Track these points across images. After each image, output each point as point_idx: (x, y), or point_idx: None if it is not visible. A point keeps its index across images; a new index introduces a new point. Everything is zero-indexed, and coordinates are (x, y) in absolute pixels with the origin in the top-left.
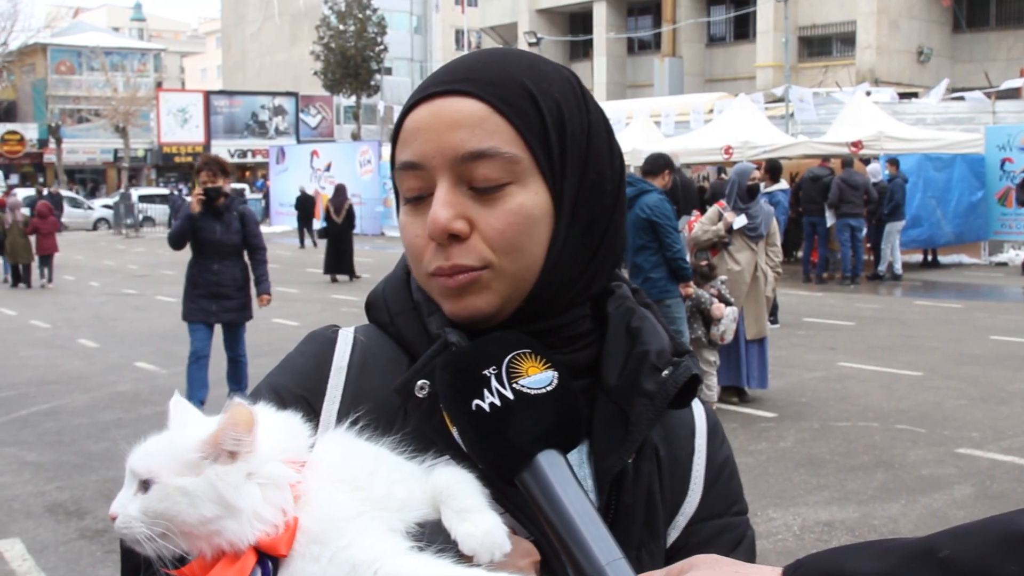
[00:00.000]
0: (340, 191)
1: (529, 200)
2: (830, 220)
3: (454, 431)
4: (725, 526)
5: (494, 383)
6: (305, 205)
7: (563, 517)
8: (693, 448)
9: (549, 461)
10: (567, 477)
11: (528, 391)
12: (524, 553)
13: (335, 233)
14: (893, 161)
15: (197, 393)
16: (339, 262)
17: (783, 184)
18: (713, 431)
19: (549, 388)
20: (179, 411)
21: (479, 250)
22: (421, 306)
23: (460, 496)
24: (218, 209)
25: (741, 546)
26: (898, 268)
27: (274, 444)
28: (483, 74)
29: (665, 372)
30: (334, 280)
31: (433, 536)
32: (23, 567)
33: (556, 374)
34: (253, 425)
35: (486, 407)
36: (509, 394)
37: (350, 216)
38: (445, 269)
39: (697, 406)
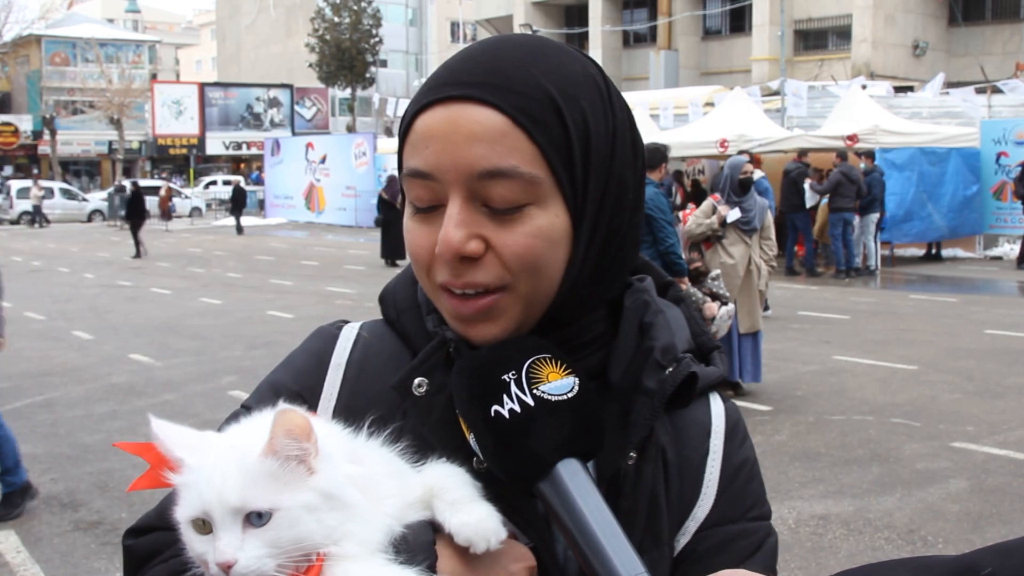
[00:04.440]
0: (393, 181)
1: (548, 222)
2: (810, 201)
3: (470, 438)
4: (740, 532)
5: (513, 388)
6: (239, 197)
7: (583, 528)
8: (707, 449)
9: (569, 470)
10: (587, 487)
11: (548, 397)
12: (519, 558)
13: (390, 220)
14: (869, 155)
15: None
16: (396, 248)
17: (759, 172)
18: (732, 431)
19: (570, 395)
20: (171, 432)
21: (495, 270)
22: (422, 305)
23: (451, 489)
24: None
25: (758, 554)
26: (871, 262)
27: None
28: (505, 78)
29: (669, 370)
30: (393, 264)
31: (415, 536)
32: (17, 559)
33: (577, 380)
34: (310, 429)
35: (505, 413)
36: (529, 400)
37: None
38: (456, 285)
39: (716, 404)
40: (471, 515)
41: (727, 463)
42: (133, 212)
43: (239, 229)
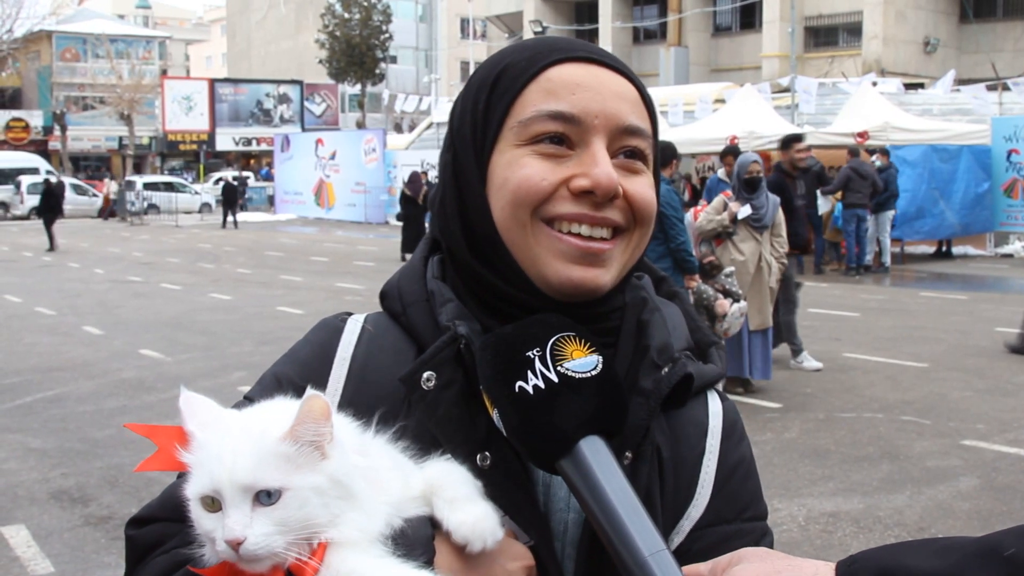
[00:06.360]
0: (416, 178)
1: (651, 185)
2: (823, 207)
3: (494, 414)
4: (734, 532)
5: (538, 365)
6: (229, 193)
7: (605, 505)
8: (703, 448)
9: (591, 447)
10: (610, 464)
11: (573, 374)
12: (517, 556)
13: (413, 215)
14: (884, 152)
15: None
16: (415, 243)
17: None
18: (729, 430)
19: (594, 372)
20: (196, 406)
21: (623, 213)
22: (434, 296)
23: (451, 487)
24: None
25: None
26: (884, 259)
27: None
28: (623, 65)
29: (664, 370)
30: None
31: (415, 531)
32: (28, 553)
33: (601, 358)
34: (329, 415)
35: (529, 389)
36: (553, 377)
37: (425, 199)
38: (597, 219)
39: (714, 403)
40: (469, 514)
41: (723, 463)
42: (46, 207)
43: (233, 224)
